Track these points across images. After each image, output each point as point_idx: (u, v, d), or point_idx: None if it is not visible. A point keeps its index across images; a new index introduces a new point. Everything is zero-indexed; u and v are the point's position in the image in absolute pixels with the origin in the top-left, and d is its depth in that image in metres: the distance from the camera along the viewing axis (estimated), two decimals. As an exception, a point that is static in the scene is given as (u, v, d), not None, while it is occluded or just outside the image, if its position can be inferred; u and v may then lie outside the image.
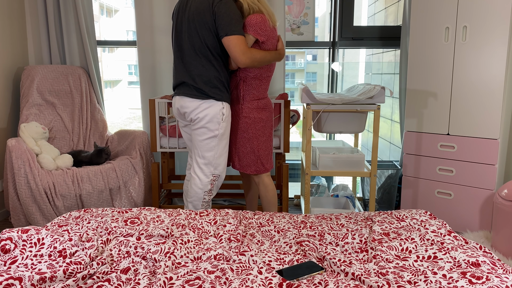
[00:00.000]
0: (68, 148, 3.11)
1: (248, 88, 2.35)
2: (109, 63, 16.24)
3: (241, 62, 2.14)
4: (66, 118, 3.15)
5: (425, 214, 1.85)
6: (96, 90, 3.30)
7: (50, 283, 1.28)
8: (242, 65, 2.15)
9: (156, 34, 3.26)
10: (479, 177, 2.55)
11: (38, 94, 3.06)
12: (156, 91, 3.34)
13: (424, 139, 2.74)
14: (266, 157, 2.44)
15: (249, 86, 2.35)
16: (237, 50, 2.11)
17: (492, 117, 2.48)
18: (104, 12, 16.45)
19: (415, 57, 2.72)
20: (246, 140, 2.39)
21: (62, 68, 3.17)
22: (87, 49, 3.21)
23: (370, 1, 4.57)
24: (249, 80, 2.34)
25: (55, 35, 3.20)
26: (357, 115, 2.66)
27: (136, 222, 1.78)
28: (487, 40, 2.43)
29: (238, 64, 2.17)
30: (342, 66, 3.91)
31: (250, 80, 2.35)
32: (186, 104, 2.27)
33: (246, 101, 2.36)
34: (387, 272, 1.38)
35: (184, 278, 1.32)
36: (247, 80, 2.34)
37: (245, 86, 2.35)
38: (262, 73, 2.36)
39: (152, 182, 2.92)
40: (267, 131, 2.42)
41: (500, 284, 1.24)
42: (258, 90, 2.37)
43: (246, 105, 2.36)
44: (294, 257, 1.56)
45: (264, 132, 2.41)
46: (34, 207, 2.58)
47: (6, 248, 1.47)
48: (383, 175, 3.32)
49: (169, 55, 3.29)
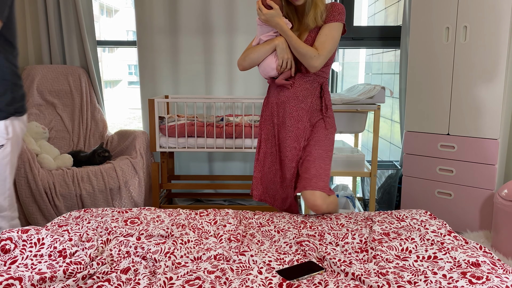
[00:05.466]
0: (68, 148, 3.11)
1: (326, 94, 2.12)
2: (109, 63, 16.27)
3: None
4: (66, 118, 3.15)
5: (425, 214, 1.85)
6: (96, 90, 3.30)
7: (50, 283, 1.28)
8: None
9: (156, 34, 3.26)
10: (479, 177, 2.55)
11: (38, 94, 3.06)
12: (156, 91, 3.34)
13: (424, 139, 2.74)
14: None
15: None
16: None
17: (492, 117, 2.48)
18: (104, 12, 16.47)
19: (415, 57, 2.72)
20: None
21: (62, 68, 3.17)
22: (87, 49, 3.21)
23: (370, 1, 4.57)
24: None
25: (55, 35, 3.20)
26: (357, 115, 2.66)
27: (136, 222, 1.78)
28: (487, 40, 2.43)
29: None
30: (342, 66, 3.91)
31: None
32: None
33: (330, 110, 2.13)
34: (387, 272, 1.38)
35: (184, 278, 1.32)
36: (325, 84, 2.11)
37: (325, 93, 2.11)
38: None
39: (152, 182, 2.92)
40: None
41: (500, 284, 1.24)
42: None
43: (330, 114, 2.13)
44: (294, 257, 1.56)
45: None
46: (34, 207, 2.58)
47: (6, 248, 1.47)
48: (383, 175, 3.32)
49: (169, 55, 3.29)
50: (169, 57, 3.29)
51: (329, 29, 1.94)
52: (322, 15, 1.94)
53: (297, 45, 1.93)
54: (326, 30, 1.94)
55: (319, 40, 1.95)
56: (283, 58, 1.98)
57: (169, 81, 3.33)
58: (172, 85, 3.34)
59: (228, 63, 3.31)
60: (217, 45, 3.28)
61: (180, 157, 3.45)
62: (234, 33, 3.25)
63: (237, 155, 3.44)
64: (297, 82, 2.05)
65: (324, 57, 1.93)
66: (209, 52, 3.29)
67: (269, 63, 2.01)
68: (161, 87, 3.33)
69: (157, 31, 3.25)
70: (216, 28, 3.25)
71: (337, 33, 1.95)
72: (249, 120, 2.94)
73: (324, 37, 1.95)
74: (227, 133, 2.85)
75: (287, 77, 2.03)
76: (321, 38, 1.95)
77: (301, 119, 2.06)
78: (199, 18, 3.24)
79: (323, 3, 1.95)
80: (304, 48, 1.92)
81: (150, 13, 3.22)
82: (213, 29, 3.25)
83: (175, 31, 3.25)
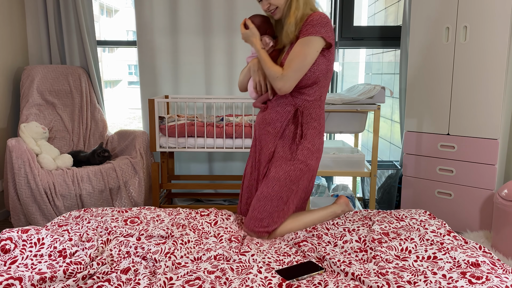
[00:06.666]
0: (68, 148, 3.11)
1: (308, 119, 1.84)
2: (109, 63, 16.26)
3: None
4: (66, 118, 3.15)
5: (425, 214, 1.85)
6: (96, 90, 3.30)
7: (50, 283, 1.28)
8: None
9: (156, 34, 3.26)
10: (479, 177, 2.55)
11: (38, 94, 3.06)
12: (156, 91, 3.34)
13: (424, 139, 2.74)
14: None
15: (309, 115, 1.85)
16: None
17: (492, 117, 2.47)
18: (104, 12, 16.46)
19: (415, 57, 2.72)
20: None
21: (62, 68, 3.17)
22: (87, 49, 3.21)
23: (370, 1, 4.57)
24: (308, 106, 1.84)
25: (55, 35, 3.20)
26: (357, 115, 2.66)
27: (136, 222, 1.78)
28: (487, 40, 2.43)
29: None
30: (342, 66, 3.91)
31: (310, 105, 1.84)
32: None
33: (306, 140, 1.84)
34: (387, 272, 1.38)
35: (184, 278, 1.32)
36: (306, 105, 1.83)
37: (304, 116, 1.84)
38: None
39: (152, 182, 2.92)
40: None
41: (500, 284, 1.24)
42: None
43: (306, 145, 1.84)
44: (294, 258, 1.56)
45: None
46: (34, 207, 2.58)
47: (6, 248, 1.47)
48: (383, 175, 3.32)
49: (169, 55, 3.29)
50: (169, 57, 3.29)
51: (299, 45, 1.73)
52: (295, 28, 1.76)
53: (264, 66, 1.79)
54: (296, 47, 1.74)
55: (287, 59, 1.76)
56: (255, 80, 1.86)
57: (169, 81, 3.33)
58: (172, 85, 3.34)
59: (228, 63, 3.31)
60: (217, 45, 3.28)
61: (180, 157, 3.45)
62: (234, 33, 3.25)
63: (237, 155, 3.44)
64: (271, 104, 1.87)
65: (289, 77, 1.73)
66: (209, 52, 3.29)
67: (249, 85, 1.93)
68: (161, 87, 3.34)
69: (157, 31, 3.25)
70: (216, 28, 3.25)
71: (309, 48, 1.71)
72: (249, 120, 2.94)
73: (292, 54, 1.74)
74: (227, 133, 2.85)
75: (264, 100, 1.89)
76: (289, 56, 1.75)
77: (266, 144, 1.88)
78: (199, 18, 3.24)
79: (296, 14, 1.76)
80: (269, 68, 1.77)
81: (150, 13, 3.22)
82: (213, 29, 3.25)
83: (175, 31, 3.25)
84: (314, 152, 1.84)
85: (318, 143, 1.85)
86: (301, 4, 1.77)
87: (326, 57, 1.78)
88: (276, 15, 1.82)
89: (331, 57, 1.80)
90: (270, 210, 1.78)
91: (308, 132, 1.82)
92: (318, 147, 1.86)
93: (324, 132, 1.92)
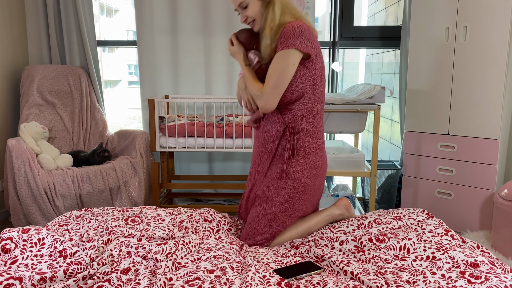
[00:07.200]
0: (68, 148, 3.11)
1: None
2: (109, 63, 16.27)
3: None
4: (66, 118, 3.15)
5: (422, 213, 1.85)
6: (96, 90, 3.30)
7: (51, 283, 1.28)
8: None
9: (156, 34, 3.26)
10: (479, 177, 2.55)
11: (38, 94, 3.06)
12: (156, 91, 3.34)
13: (424, 139, 2.74)
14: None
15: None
16: None
17: (492, 117, 2.48)
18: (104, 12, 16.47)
19: (415, 57, 2.72)
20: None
21: (62, 68, 3.17)
22: (87, 49, 3.21)
23: (370, 1, 4.57)
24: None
25: (55, 35, 3.20)
26: (357, 115, 2.66)
27: (136, 221, 1.78)
28: (487, 40, 2.43)
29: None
30: (342, 66, 3.91)
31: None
32: None
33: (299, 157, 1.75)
34: (386, 271, 1.38)
35: (184, 279, 1.32)
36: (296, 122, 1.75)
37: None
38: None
39: (152, 182, 2.93)
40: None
41: (499, 284, 1.24)
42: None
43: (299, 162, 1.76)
44: (292, 258, 1.56)
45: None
46: (34, 207, 2.58)
47: (7, 248, 1.47)
48: (383, 175, 3.32)
49: (169, 55, 3.29)
50: (169, 57, 3.29)
51: (275, 60, 1.65)
52: (270, 41, 1.68)
53: (247, 84, 1.72)
54: (273, 62, 1.66)
55: (266, 75, 1.68)
56: (244, 99, 1.80)
57: (169, 81, 3.33)
58: (172, 85, 3.34)
59: (228, 63, 3.31)
60: (217, 45, 3.28)
61: (180, 157, 3.45)
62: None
63: (237, 155, 3.44)
64: (262, 123, 1.80)
65: (268, 95, 1.65)
66: (209, 52, 3.29)
67: (242, 102, 1.87)
68: (161, 87, 3.34)
69: (157, 31, 3.26)
70: (216, 28, 3.25)
71: (285, 63, 1.62)
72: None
73: (269, 71, 1.67)
74: (227, 133, 2.85)
75: (256, 118, 1.81)
76: (268, 72, 1.67)
77: (261, 163, 1.81)
78: (199, 18, 3.24)
79: (271, 26, 1.67)
80: (250, 86, 1.70)
81: (150, 13, 3.22)
82: (213, 29, 3.25)
83: (175, 31, 3.26)
84: (309, 169, 1.74)
85: (314, 159, 1.75)
86: (277, 14, 1.67)
87: (309, 67, 1.67)
88: (255, 27, 1.75)
89: (316, 66, 1.69)
90: (263, 229, 1.74)
91: (302, 149, 1.73)
92: (315, 163, 1.75)
93: (324, 132, 1.83)
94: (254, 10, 1.70)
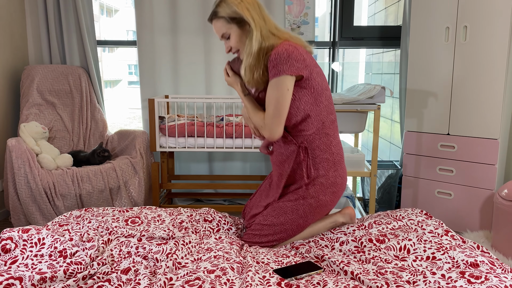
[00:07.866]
0: (68, 148, 3.11)
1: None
2: (109, 63, 16.28)
3: None
4: (66, 118, 3.15)
5: (421, 214, 1.85)
6: (96, 90, 3.30)
7: (51, 283, 1.28)
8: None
9: (156, 34, 3.26)
10: (479, 177, 2.56)
11: (38, 94, 3.06)
12: (156, 91, 3.34)
13: (424, 139, 2.74)
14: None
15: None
16: None
17: (492, 117, 2.48)
18: (104, 12, 16.48)
19: (415, 57, 2.72)
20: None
21: (62, 68, 3.17)
22: (87, 49, 3.21)
23: (370, 1, 4.57)
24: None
25: (55, 35, 3.20)
26: (357, 115, 2.66)
27: (137, 222, 1.78)
28: (487, 40, 2.43)
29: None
30: (342, 66, 3.91)
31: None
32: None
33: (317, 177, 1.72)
34: (386, 272, 1.38)
35: (184, 279, 1.32)
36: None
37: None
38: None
39: (152, 182, 2.93)
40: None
41: (499, 284, 1.24)
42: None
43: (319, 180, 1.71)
44: (292, 258, 1.56)
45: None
46: (34, 207, 2.58)
47: (7, 247, 1.47)
48: (383, 175, 3.32)
49: (169, 55, 3.29)
50: (169, 57, 3.29)
51: (269, 89, 1.62)
52: (251, 75, 1.64)
53: (249, 115, 1.70)
54: (268, 91, 1.63)
55: (265, 105, 1.65)
56: (250, 127, 1.77)
57: (169, 81, 3.33)
58: (172, 85, 3.34)
59: (228, 63, 3.31)
60: (217, 45, 3.28)
61: (180, 157, 3.45)
62: (234, 33, 3.25)
63: (237, 155, 3.44)
64: (275, 147, 1.77)
65: (270, 125, 1.62)
66: (209, 52, 3.29)
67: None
68: (161, 87, 3.34)
69: (157, 31, 3.26)
70: (216, 28, 3.25)
71: (279, 91, 1.58)
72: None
73: (266, 100, 1.64)
74: (227, 133, 2.85)
75: (267, 144, 1.80)
76: (266, 102, 1.64)
77: (278, 186, 1.79)
78: (199, 18, 3.24)
79: (248, 60, 1.63)
80: (253, 117, 1.69)
81: (150, 13, 3.22)
82: (213, 29, 3.25)
83: (175, 31, 3.26)
84: (328, 186, 1.70)
85: (334, 176, 1.70)
86: (255, 45, 1.61)
87: (306, 86, 1.63)
88: (240, 56, 1.72)
89: (313, 83, 1.64)
90: (271, 239, 1.72)
91: (320, 166, 1.69)
92: (334, 180, 1.71)
93: (343, 159, 1.77)
94: (236, 41, 1.69)
